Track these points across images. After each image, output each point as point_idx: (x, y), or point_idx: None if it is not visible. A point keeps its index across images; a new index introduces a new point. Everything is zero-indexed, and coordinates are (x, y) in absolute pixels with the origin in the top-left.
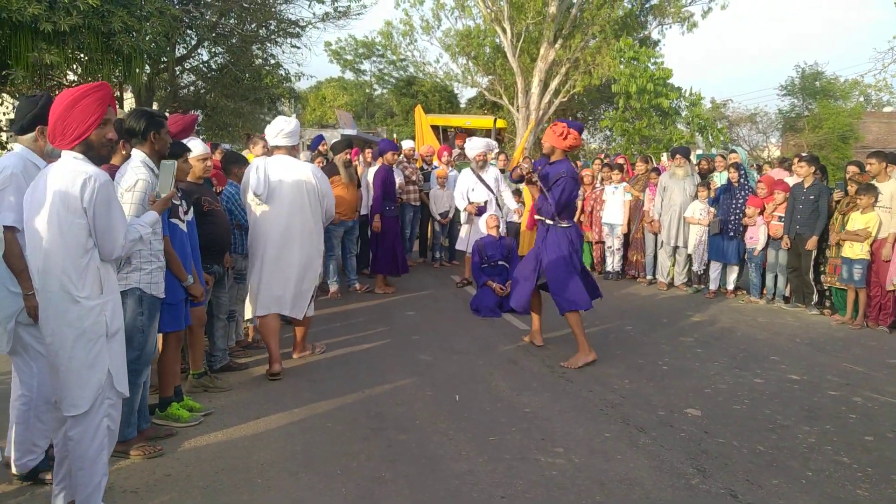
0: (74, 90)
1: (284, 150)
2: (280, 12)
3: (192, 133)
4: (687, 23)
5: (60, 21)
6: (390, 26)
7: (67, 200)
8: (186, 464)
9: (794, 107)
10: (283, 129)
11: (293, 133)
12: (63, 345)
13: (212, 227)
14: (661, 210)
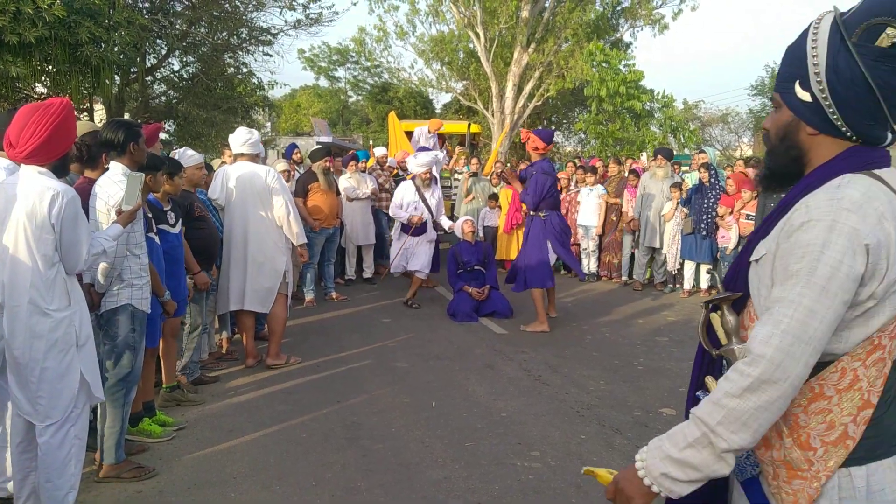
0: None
1: (247, 157)
2: (251, 20)
3: (156, 142)
4: (658, 25)
5: (26, 32)
6: (363, 32)
7: (35, 216)
8: (158, 479)
9: (764, 106)
10: (248, 139)
11: (255, 143)
12: (34, 357)
13: (203, 233)
14: (640, 209)
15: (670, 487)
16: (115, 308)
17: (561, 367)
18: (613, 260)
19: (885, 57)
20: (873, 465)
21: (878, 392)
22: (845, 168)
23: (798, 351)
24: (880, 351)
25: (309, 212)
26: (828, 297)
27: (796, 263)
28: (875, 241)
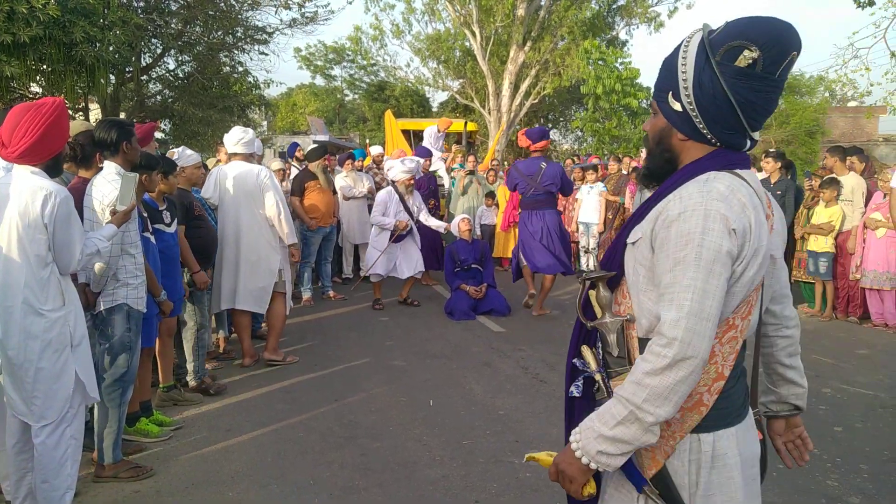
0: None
1: (241, 156)
2: (246, 19)
3: (151, 141)
4: (654, 23)
5: (20, 32)
6: (359, 31)
7: (28, 216)
8: (156, 479)
9: None
10: (242, 139)
11: (249, 142)
12: (29, 357)
13: (202, 232)
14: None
15: (607, 462)
16: (110, 308)
17: (559, 365)
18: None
19: (742, 75)
20: (720, 432)
21: (730, 366)
22: (710, 167)
23: (702, 328)
24: (734, 330)
25: (306, 210)
26: (715, 277)
27: (681, 251)
28: (740, 227)
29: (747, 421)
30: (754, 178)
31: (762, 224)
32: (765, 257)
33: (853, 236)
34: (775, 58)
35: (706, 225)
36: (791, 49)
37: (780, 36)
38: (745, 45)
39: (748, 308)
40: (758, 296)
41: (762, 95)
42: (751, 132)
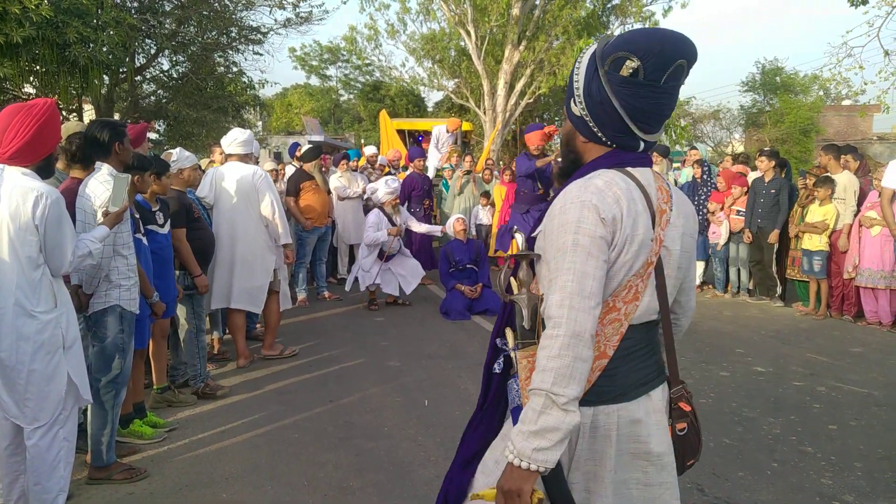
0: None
1: (237, 157)
2: (241, 19)
3: (144, 142)
4: (648, 22)
5: (13, 33)
6: (354, 31)
7: (19, 217)
8: (150, 481)
9: (755, 102)
10: (237, 139)
11: (246, 142)
12: (21, 359)
13: (202, 234)
14: None
15: (545, 458)
16: (103, 309)
17: None
18: None
19: (626, 83)
20: (600, 408)
21: (613, 346)
22: (603, 165)
23: (585, 305)
24: (615, 312)
25: (301, 211)
26: (593, 259)
27: (561, 238)
28: (610, 216)
29: (639, 402)
30: (647, 175)
31: (638, 215)
32: (641, 245)
33: (844, 234)
34: (657, 66)
35: (581, 215)
36: (674, 58)
37: (659, 46)
38: (627, 55)
39: (632, 293)
40: (646, 284)
41: (648, 101)
42: (643, 135)
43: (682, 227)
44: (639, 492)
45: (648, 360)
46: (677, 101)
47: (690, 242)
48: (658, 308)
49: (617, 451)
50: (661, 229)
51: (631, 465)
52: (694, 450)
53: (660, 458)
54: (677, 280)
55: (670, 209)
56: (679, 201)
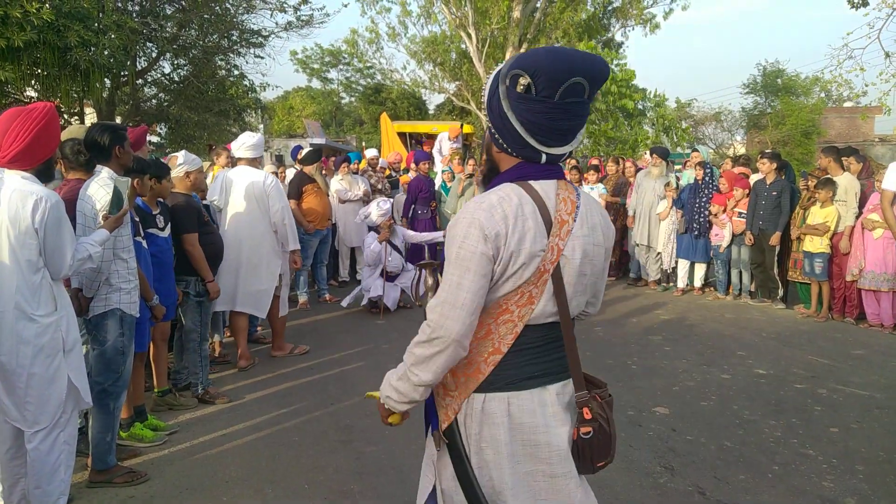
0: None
1: (246, 161)
2: (242, 22)
3: (144, 145)
4: (649, 25)
5: (14, 36)
6: (356, 34)
7: (18, 221)
8: (150, 484)
9: (757, 104)
10: (246, 143)
11: (256, 146)
12: (21, 363)
13: (213, 238)
14: (635, 207)
15: (393, 405)
16: (103, 313)
17: None
18: (612, 259)
19: (521, 99)
20: (491, 394)
21: (507, 344)
22: (509, 177)
23: (453, 314)
24: (509, 314)
25: (303, 213)
26: (470, 273)
27: (450, 250)
28: (493, 234)
29: (531, 392)
30: (549, 188)
31: (527, 230)
32: (530, 257)
33: (846, 237)
34: (548, 83)
35: (467, 231)
36: (566, 76)
37: (551, 64)
38: (520, 72)
39: (526, 298)
40: (541, 290)
41: (542, 116)
42: (544, 148)
43: (584, 237)
44: (545, 483)
45: (545, 357)
46: (585, 115)
47: (596, 250)
48: (556, 311)
49: (511, 439)
50: (560, 239)
51: (533, 457)
52: (604, 453)
53: (559, 449)
54: (581, 284)
55: (573, 220)
56: (587, 212)
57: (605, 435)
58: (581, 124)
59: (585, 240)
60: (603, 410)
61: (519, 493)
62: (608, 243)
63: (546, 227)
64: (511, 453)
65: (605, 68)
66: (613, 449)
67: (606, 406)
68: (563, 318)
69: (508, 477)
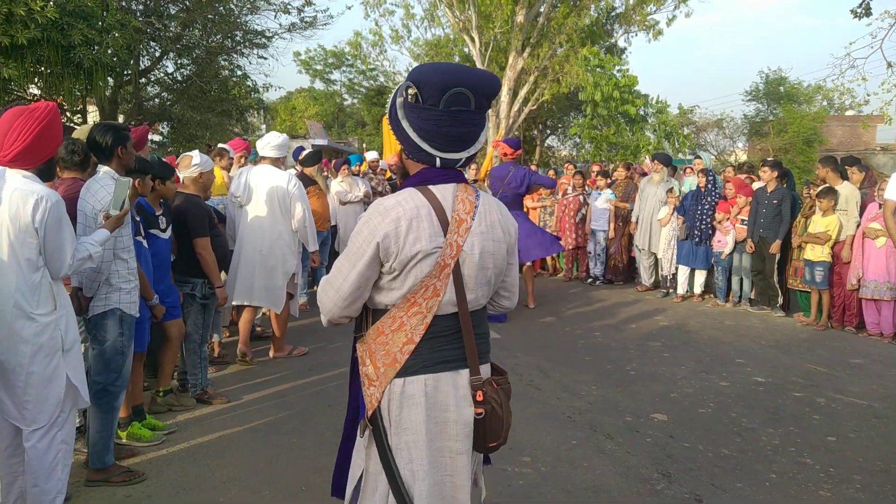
0: (30, 112)
1: (270, 160)
2: (245, 23)
3: (145, 144)
4: (652, 31)
5: (18, 34)
6: (359, 36)
7: (19, 220)
8: (148, 483)
9: (759, 112)
10: (271, 142)
11: (280, 146)
12: (20, 361)
13: (221, 240)
14: (638, 213)
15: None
16: (103, 312)
17: (553, 372)
18: (619, 263)
19: (412, 108)
20: (409, 378)
21: (419, 334)
22: (410, 183)
23: (331, 295)
24: (417, 307)
25: None
26: (352, 265)
27: (348, 243)
28: (383, 234)
29: (445, 375)
30: (447, 192)
31: (422, 230)
32: (426, 254)
33: (847, 246)
34: (432, 93)
35: (360, 229)
36: (448, 86)
37: (434, 76)
38: (409, 84)
39: (431, 291)
40: (444, 282)
41: (432, 123)
42: (439, 153)
43: (483, 234)
44: (450, 460)
45: (456, 343)
46: (477, 123)
47: (496, 246)
48: (453, 301)
49: (427, 418)
50: (459, 236)
51: (443, 434)
52: (495, 434)
53: (465, 426)
54: (484, 277)
55: (472, 219)
56: (486, 212)
57: (497, 418)
58: (474, 132)
59: (484, 236)
60: (497, 396)
61: (431, 471)
62: (509, 239)
63: (443, 226)
64: (427, 431)
65: (492, 81)
66: (505, 433)
67: (502, 392)
68: (462, 309)
69: (425, 455)
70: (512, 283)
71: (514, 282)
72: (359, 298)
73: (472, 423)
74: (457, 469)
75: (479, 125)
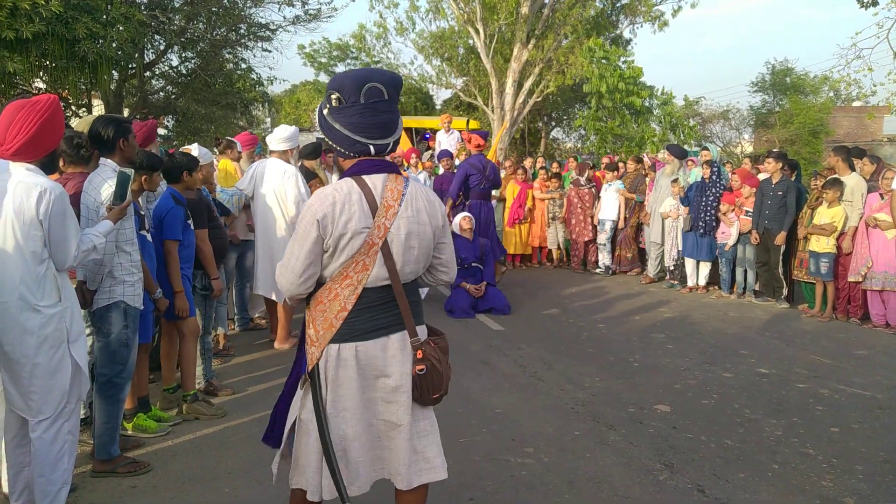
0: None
1: (278, 153)
2: (249, 16)
3: (154, 139)
4: (658, 22)
5: (23, 28)
6: (363, 29)
7: (23, 212)
8: (153, 474)
9: (765, 103)
10: (280, 136)
11: (288, 138)
12: (25, 353)
13: (220, 232)
14: (652, 205)
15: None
16: (107, 305)
17: (556, 364)
18: (626, 254)
19: (338, 110)
20: (343, 344)
21: (351, 303)
22: (347, 175)
23: (285, 273)
24: (349, 279)
25: None
26: (300, 246)
27: (296, 226)
28: (321, 216)
29: (376, 341)
30: (377, 181)
31: (353, 213)
32: (354, 234)
33: (849, 237)
34: (351, 93)
35: (305, 214)
36: (363, 83)
37: (347, 80)
38: (332, 92)
39: (361, 266)
40: (373, 259)
41: (359, 117)
42: (371, 140)
43: (409, 218)
44: (383, 406)
45: (385, 313)
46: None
47: (421, 228)
48: (387, 276)
49: (359, 375)
50: (387, 219)
51: (375, 386)
52: (436, 386)
53: (396, 381)
54: (411, 255)
55: (399, 204)
56: (412, 198)
57: (436, 372)
58: (392, 119)
59: (410, 220)
60: (436, 353)
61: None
62: (435, 222)
63: (372, 210)
64: (359, 386)
65: (396, 76)
66: (445, 385)
67: (440, 350)
68: (394, 282)
69: (357, 404)
70: (448, 260)
71: (449, 259)
72: (311, 276)
73: (402, 380)
74: (389, 412)
75: (395, 113)
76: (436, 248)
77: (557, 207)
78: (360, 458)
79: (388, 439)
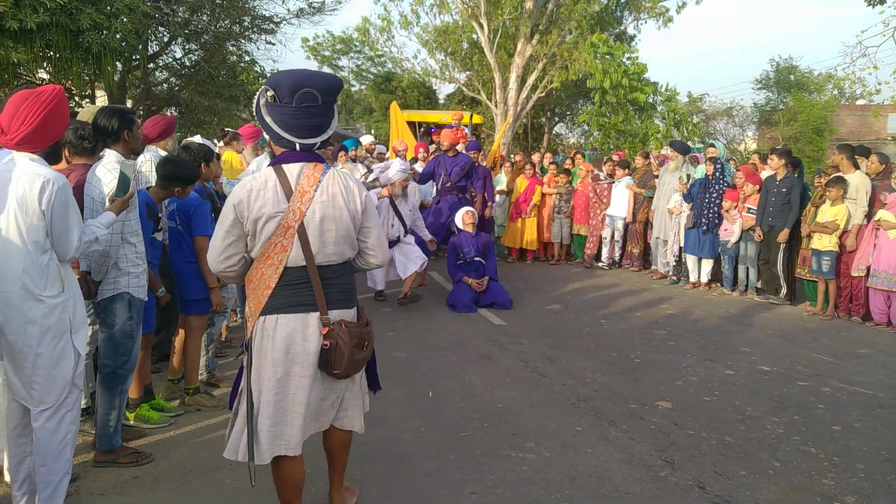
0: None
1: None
2: (253, 8)
3: (172, 133)
4: (662, 18)
5: (27, 18)
6: (367, 22)
7: (26, 203)
8: (155, 465)
9: (769, 100)
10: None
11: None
12: (28, 343)
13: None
14: (657, 202)
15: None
16: (111, 296)
17: (558, 359)
18: (634, 249)
19: (271, 106)
20: (269, 316)
21: (274, 281)
22: (272, 163)
23: (211, 252)
24: (271, 260)
25: None
26: (220, 227)
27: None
28: (238, 201)
29: (296, 316)
30: (294, 169)
31: (267, 199)
32: (269, 217)
33: (853, 235)
34: (285, 94)
35: (229, 200)
36: (296, 87)
37: (283, 80)
38: (267, 88)
39: (279, 247)
40: (290, 241)
41: (288, 117)
42: (298, 139)
43: (324, 203)
44: (297, 381)
45: (305, 291)
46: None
47: (337, 213)
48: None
49: (278, 347)
50: (302, 204)
51: (293, 361)
52: (338, 364)
53: (309, 355)
54: (330, 237)
55: (315, 190)
56: (328, 185)
57: (339, 352)
58: (324, 122)
59: (325, 205)
60: (343, 335)
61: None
62: (352, 206)
63: (287, 195)
64: (277, 358)
65: (334, 81)
66: (345, 365)
67: (350, 334)
68: (309, 262)
69: (272, 375)
70: (374, 244)
71: (375, 243)
72: (232, 255)
73: (317, 355)
74: (299, 388)
75: (327, 116)
76: (360, 232)
77: (563, 202)
78: (281, 420)
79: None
